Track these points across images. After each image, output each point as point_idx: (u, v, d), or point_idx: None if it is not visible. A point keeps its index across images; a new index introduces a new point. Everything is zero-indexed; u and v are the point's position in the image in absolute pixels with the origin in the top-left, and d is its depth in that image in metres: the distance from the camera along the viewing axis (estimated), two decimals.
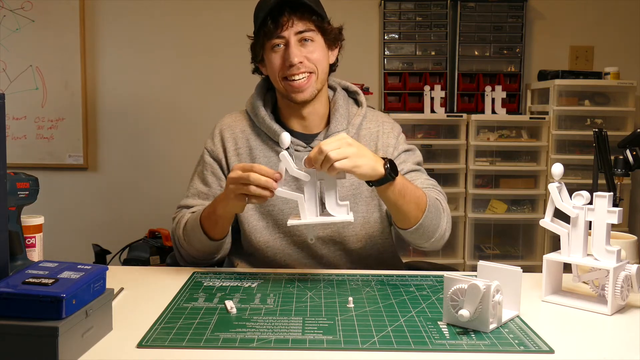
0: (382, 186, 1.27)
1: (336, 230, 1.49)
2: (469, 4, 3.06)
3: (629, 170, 1.67)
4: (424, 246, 1.44)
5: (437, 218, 1.40)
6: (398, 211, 1.34)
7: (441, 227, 1.42)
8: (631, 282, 1.14)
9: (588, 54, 3.17)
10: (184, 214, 1.49)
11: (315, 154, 1.19)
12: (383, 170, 1.24)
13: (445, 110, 3.01)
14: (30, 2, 3.14)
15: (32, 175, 1.16)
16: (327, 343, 0.96)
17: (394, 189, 1.28)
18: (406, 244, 1.50)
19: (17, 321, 0.84)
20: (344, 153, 1.18)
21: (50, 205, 3.12)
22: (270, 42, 1.44)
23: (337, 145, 1.19)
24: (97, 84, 3.21)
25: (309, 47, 1.44)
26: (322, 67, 1.47)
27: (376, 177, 1.24)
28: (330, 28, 1.49)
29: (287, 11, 1.41)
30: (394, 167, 1.26)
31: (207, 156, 1.55)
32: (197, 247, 1.43)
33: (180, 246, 1.46)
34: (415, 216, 1.34)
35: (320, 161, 1.18)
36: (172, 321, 1.05)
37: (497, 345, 0.96)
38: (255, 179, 1.21)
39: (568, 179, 2.74)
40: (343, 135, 1.23)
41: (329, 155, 1.17)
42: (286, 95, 1.47)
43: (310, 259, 1.50)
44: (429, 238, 1.41)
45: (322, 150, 1.17)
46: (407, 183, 1.32)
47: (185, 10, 3.16)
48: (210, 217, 1.37)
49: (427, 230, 1.38)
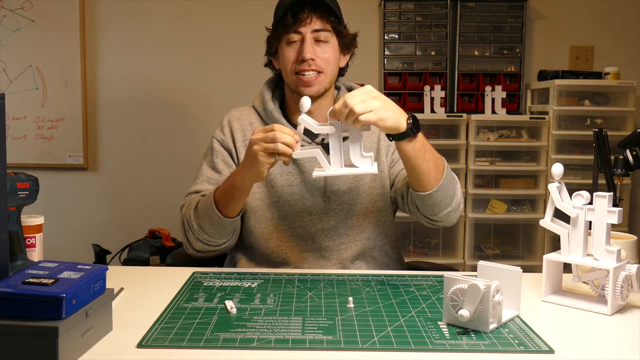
0: (403, 141, 1.27)
1: (340, 220, 1.51)
2: (469, 4, 3.06)
3: (629, 170, 1.67)
4: (439, 217, 1.43)
5: (453, 184, 1.41)
6: (417, 170, 1.33)
7: (457, 196, 1.43)
8: (631, 282, 1.14)
9: (588, 54, 3.17)
10: (195, 197, 1.49)
11: (340, 107, 1.20)
12: (405, 125, 1.25)
13: (445, 110, 3.01)
14: (30, 2, 3.14)
15: (32, 175, 1.16)
16: (327, 343, 0.96)
17: (415, 145, 1.28)
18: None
19: (17, 321, 0.84)
20: (369, 106, 1.19)
21: (50, 205, 3.12)
22: (287, 36, 1.49)
23: (362, 98, 1.19)
24: (97, 84, 3.21)
25: (322, 48, 1.49)
26: (332, 68, 1.51)
27: (399, 131, 1.25)
28: (346, 32, 1.55)
29: (307, 8, 1.46)
30: (417, 123, 1.27)
31: (218, 145, 1.58)
32: (208, 228, 1.41)
33: (190, 229, 1.44)
34: (435, 177, 1.35)
35: (345, 114, 1.19)
36: (172, 321, 1.05)
37: (497, 345, 0.96)
38: (281, 136, 1.24)
39: (568, 179, 2.74)
40: (369, 88, 1.23)
41: (354, 109, 1.18)
42: (295, 89, 1.51)
43: (313, 252, 1.52)
44: (446, 205, 1.40)
45: (347, 104, 1.18)
46: (427, 143, 1.33)
47: (185, 10, 3.16)
48: (227, 193, 1.38)
49: (445, 195, 1.38)
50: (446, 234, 2.98)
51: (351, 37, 1.56)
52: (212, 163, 1.56)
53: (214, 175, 1.54)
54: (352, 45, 1.58)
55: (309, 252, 1.52)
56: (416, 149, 1.29)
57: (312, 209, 1.51)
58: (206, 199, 1.41)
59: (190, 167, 1.62)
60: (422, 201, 1.39)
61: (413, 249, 2.96)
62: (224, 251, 1.52)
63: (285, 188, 1.51)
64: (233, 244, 1.52)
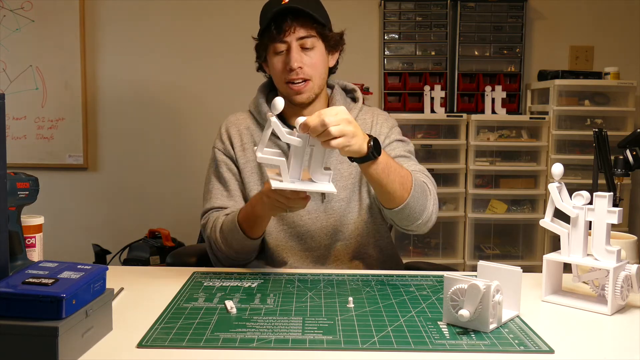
0: (365, 164, 1.27)
1: (337, 219, 1.53)
2: (469, 4, 3.06)
3: (629, 170, 1.67)
4: (410, 228, 1.44)
5: (423, 199, 1.40)
6: (382, 190, 1.33)
7: (428, 209, 1.42)
8: (631, 282, 1.14)
9: (588, 54, 3.17)
10: (217, 217, 1.51)
11: (316, 124, 1.17)
12: (366, 149, 1.24)
13: (445, 110, 3.00)
14: (30, 2, 3.13)
15: (32, 175, 1.16)
16: (327, 343, 0.96)
17: (377, 167, 1.28)
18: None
19: (17, 321, 0.84)
20: (343, 131, 1.18)
21: (50, 205, 3.11)
22: (273, 46, 1.51)
23: (338, 120, 1.18)
24: (97, 84, 3.21)
25: (309, 54, 1.51)
26: (320, 72, 1.53)
27: (361, 155, 1.24)
28: (332, 34, 1.55)
29: (289, 18, 1.47)
30: (377, 146, 1.26)
31: (220, 154, 1.61)
32: (236, 249, 1.46)
33: (218, 249, 1.48)
34: (401, 196, 1.34)
35: (319, 132, 1.17)
36: (172, 321, 1.05)
37: (497, 345, 0.96)
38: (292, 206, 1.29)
39: (568, 179, 2.74)
40: (344, 110, 1.21)
41: (330, 130, 1.16)
42: (287, 96, 1.52)
43: (311, 251, 1.53)
44: (415, 220, 1.41)
45: (325, 123, 1.16)
46: (391, 162, 1.32)
47: (185, 10, 3.16)
48: (249, 218, 1.41)
49: (413, 211, 1.38)
50: (446, 234, 2.98)
51: (337, 38, 1.57)
52: (218, 174, 1.59)
53: (222, 187, 1.58)
54: (340, 44, 1.59)
55: (307, 251, 1.53)
56: (379, 171, 1.28)
57: (311, 208, 1.52)
58: (230, 221, 1.45)
59: (191, 166, 1.63)
60: (391, 215, 1.41)
61: (413, 249, 2.96)
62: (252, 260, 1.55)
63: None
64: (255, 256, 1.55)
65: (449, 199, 2.96)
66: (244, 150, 1.58)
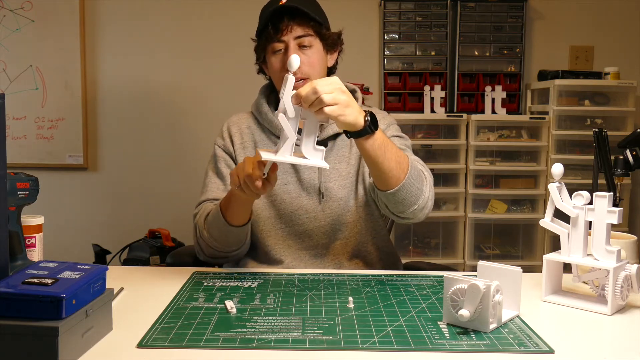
0: (361, 138, 1.24)
1: (335, 219, 1.52)
2: (469, 4, 3.06)
3: (629, 170, 1.67)
4: (406, 215, 1.40)
5: (419, 183, 1.36)
6: (378, 168, 1.29)
7: (424, 194, 1.38)
8: (631, 282, 1.14)
9: (588, 54, 3.17)
10: (207, 205, 1.52)
11: (308, 93, 1.14)
12: (363, 122, 1.22)
13: (445, 110, 3.00)
14: (30, 2, 3.13)
15: (32, 175, 1.16)
16: (327, 343, 0.96)
17: (374, 142, 1.25)
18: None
19: (17, 321, 0.84)
20: (336, 99, 1.16)
21: (50, 205, 3.12)
22: (271, 45, 1.51)
23: (331, 89, 1.16)
24: (97, 84, 3.21)
25: (307, 52, 1.50)
26: (318, 71, 1.53)
27: (357, 128, 1.22)
28: (329, 33, 1.55)
29: (286, 17, 1.48)
30: (375, 121, 1.24)
31: (220, 150, 1.62)
32: (217, 236, 1.44)
33: (201, 236, 1.48)
34: (397, 176, 1.31)
35: (312, 101, 1.14)
36: (172, 321, 1.05)
37: (497, 345, 0.96)
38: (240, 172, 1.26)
39: (568, 179, 2.74)
40: (337, 80, 1.19)
41: (323, 97, 1.14)
42: None
43: (309, 250, 1.53)
44: (411, 204, 1.37)
45: (317, 91, 1.14)
46: (388, 141, 1.29)
47: (185, 10, 3.16)
48: (230, 202, 1.40)
49: (409, 194, 1.34)
50: (446, 234, 2.98)
51: (335, 37, 1.57)
52: (216, 169, 1.60)
53: (219, 181, 1.58)
54: (337, 44, 1.59)
55: (305, 250, 1.54)
56: (375, 147, 1.25)
57: (308, 207, 1.52)
58: (214, 207, 1.45)
59: (191, 166, 1.63)
60: (387, 199, 1.37)
61: (413, 249, 2.96)
62: (235, 259, 1.53)
63: (282, 187, 1.53)
64: (244, 253, 1.54)
65: (449, 199, 2.96)
66: (244, 149, 1.59)
